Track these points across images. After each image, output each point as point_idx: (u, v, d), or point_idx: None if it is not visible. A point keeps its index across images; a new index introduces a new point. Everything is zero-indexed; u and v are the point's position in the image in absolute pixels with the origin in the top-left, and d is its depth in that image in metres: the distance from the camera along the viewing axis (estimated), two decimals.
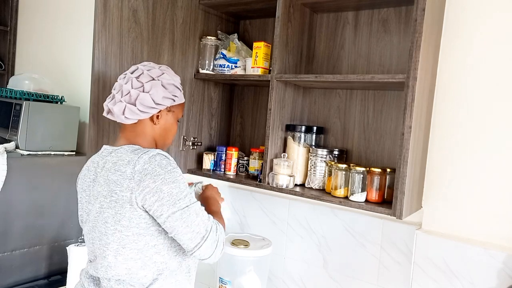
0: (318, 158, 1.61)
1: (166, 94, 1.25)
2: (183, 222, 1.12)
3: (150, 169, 1.12)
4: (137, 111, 1.22)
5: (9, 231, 1.97)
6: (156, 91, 1.23)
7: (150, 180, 1.11)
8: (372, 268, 1.63)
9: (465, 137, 1.45)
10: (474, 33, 1.44)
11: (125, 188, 1.13)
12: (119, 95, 1.23)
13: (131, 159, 1.15)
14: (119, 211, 1.14)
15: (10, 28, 2.98)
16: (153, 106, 1.23)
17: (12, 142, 2.05)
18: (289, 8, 1.61)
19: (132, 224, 1.13)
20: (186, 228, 1.13)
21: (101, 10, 1.47)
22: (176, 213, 1.12)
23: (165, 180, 1.12)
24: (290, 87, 1.69)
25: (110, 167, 1.18)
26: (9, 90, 2.23)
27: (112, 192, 1.15)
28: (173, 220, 1.12)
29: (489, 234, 1.40)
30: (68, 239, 2.21)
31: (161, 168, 1.13)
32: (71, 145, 2.24)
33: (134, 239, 1.14)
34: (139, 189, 1.11)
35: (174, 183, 1.13)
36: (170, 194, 1.12)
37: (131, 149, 1.20)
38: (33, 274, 2.08)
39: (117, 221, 1.14)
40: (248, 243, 1.71)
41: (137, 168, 1.12)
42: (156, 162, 1.13)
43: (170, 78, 1.28)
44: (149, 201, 1.11)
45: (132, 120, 1.24)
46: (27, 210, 2.02)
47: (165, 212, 1.11)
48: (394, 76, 1.33)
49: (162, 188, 1.11)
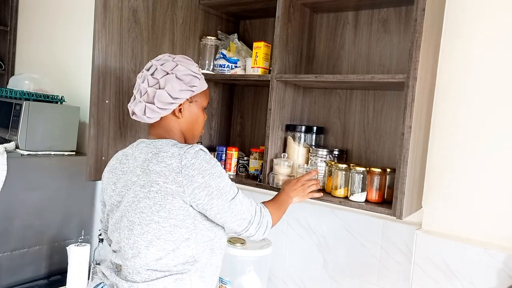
0: (318, 158, 1.61)
1: (182, 87, 1.23)
2: (231, 213, 1.19)
3: (197, 164, 1.14)
4: (157, 109, 1.22)
5: (9, 231, 1.97)
6: (171, 85, 1.22)
7: (199, 175, 1.14)
8: (372, 268, 1.63)
9: (465, 137, 1.45)
10: (474, 33, 1.44)
11: (171, 181, 1.13)
12: (139, 95, 1.24)
13: (176, 153, 1.16)
14: (159, 202, 1.14)
15: (10, 28, 2.98)
16: (171, 102, 1.22)
17: (12, 142, 2.05)
18: (289, 8, 1.61)
19: (171, 215, 1.14)
20: (235, 217, 1.20)
21: (101, 10, 1.47)
22: (225, 205, 1.18)
23: (213, 175, 1.16)
24: (290, 87, 1.69)
25: (151, 158, 1.18)
26: (9, 90, 2.23)
27: (153, 182, 1.15)
28: (223, 212, 1.18)
29: (489, 234, 1.40)
30: (68, 239, 2.21)
31: (207, 163, 1.16)
32: (71, 145, 2.25)
33: (170, 230, 1.15)
34: (188, 184, 1.13)
35: (220, 177, 1.18)
36: (218, 188, 1.16)
37: (170, 143, 1.21)
38: (33, 274, 2.08)
39: (155, 211, 1.15)
40: (244, 241, 1.71)
41: (184, 163, 1.14)
42: (202, 157, 1.16)
43: (185, 69, 1.25)
44: (198, 195, 1.14)
45: (155, 119, 1.25)
46: (27, 210, 2.02)
47: (215, 206, 1.16)
48: (394, 76, 1.33)
49: (210, 183, 1.15)
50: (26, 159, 2.02)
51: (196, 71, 1.29)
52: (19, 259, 2.01)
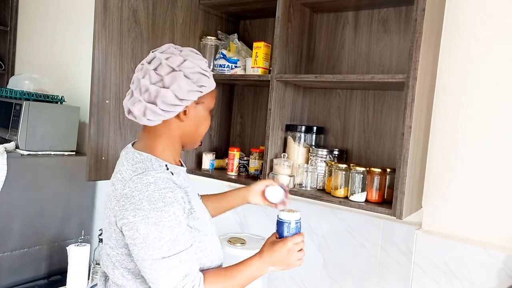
0: (318, 158, 1.61)
1: (191, 87, 1.04)
2: (149, 274, 0.98)
3: (136, 199, 0.97)
4: (159, 111, 1.03)
5: (9, 231, 1.97)
6: (178, 85, 1.03)
7: (131, 212, 0.97)
8: (372, 268, 1.63)
9: (465, 137, 1.45)
10: (474, 33, 1.44)
11: (111, 208, 1.03)
12: (138, 92, 1.05)
13: (127, 176, 1.02)
14: (107, 229, 1.07)
15: (10, 28, 2.98)
16: (177, 104, 1.04)
17: (12, 142, 2.05)
18: (289, 8, 1.61)
19: (118, 245, 1.05)
20: (153, 280, 0.99)
21: (101, 10, 1.47)
22: (144, 262, 0.98)
23: (147, 219, 0.96)
24: (290, 87, 1.69)
25: (114, 174, 1.09)
26: (9, 90, 2.23)
27: (106, 206, 1.08)
28: (141, 266, 0.99)
29: (489, 234, 1.40)
30: (68, 239, 2.21)
31: (148, 203, 0.96)
32: (71, 145, 2.25)
33: (124, 259, 1.05)
34: (120, 216, 1.00)
35: (155, 225, 0.96)
36: (145, 238, 0.96)
37: (134, 160, 1.06)
38: (33, 274, 2.08)
39: (108, 237, 1.07)
40: (244, 241, 1.70)
41: (125, 192, 0.99)
42: (148, 193, 0.97)
43: (194, 65, 1.06)
44: (125, 233, 1.00)
45: (156, 122, 1.06)
46: (27, 210, 2.02)
47: (135, 254, 0.99)
48: (394, 76, 1.33)
49: (139, 227, 0.96)
50: (26, 159, 2.02)
51: (206, 67, 1.09)
52: (19, 259, 2.01)
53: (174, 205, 0.99)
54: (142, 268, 0.99)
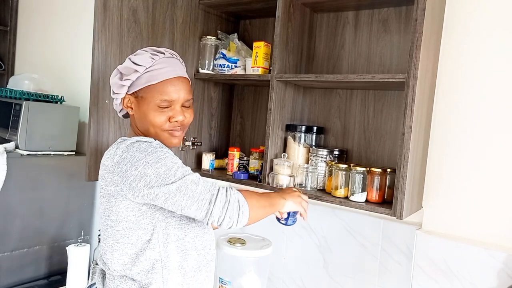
0: (318, 158, 1.61)
1: (120, 81, 1.16)
2: (183, 195, 1.03)
3: (129, 158, 1.05)
4: (113, 105, 1.25)
5: (9, 231, 1.97)
6: (113, 80, 1.19)
7: (131, 168, 1.04)
8: (372, 268, 1.63)
9: (466, 137, 1.45)
10: (474, 32, 1.44)
11: (109, 183, 1.09)
12: None
13: (112, 152, 1.11)
14: (107, 206, 1.12)
15: (10, 28, 2.98)
16: (114, 97, 1.21)
17: (12, 142, 2.05)
18: (289, 8, 1.61)
19: (120, 218, 1.10)
20: (189, 199, 1.03)
21: (101, 10, 1.47)
22: (171, 189, 1.02)
23: (147, 163, 1.03)
24: (290, 87, 1.69)
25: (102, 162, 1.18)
26: (9, 90, 2.23)
27: (100, 187, 1.14)
28: (172, 196, 1.03)
29: (489, 234, 1.40)
30: (68, 239, 2.21)
31: (140, 153, 1.05)
32: (71, 145, 2.25)
33: (126, 234, 1.10)
34: (123, 181, 1.05)
35: (157, 162, 1.04)
36: (157, 175, 1.03)
37: (117, 141, 1.16)
38: (33, 274, 2.08)
39: (107, 216, 1.13)
40: (244, 241, 1.70)
41: (116, 160, 1.07)
42: (135, 149, 1.06)
43: (129, 62, 1.16)
44: (137, 187, 1.04)
45: (120, 113, 1.27)
46: (27, 210, 2.02)
47: (159, 193, 1.03)
48: (394, 76, 1.33)
49: (146, 172, 1.03)
50: (25, 159, 2.02)
51: (143, 63, 1.13)
52: (19, 259, 2.01)
53: (164, 148, 1.11)
54: (174, 198, 1.03)
